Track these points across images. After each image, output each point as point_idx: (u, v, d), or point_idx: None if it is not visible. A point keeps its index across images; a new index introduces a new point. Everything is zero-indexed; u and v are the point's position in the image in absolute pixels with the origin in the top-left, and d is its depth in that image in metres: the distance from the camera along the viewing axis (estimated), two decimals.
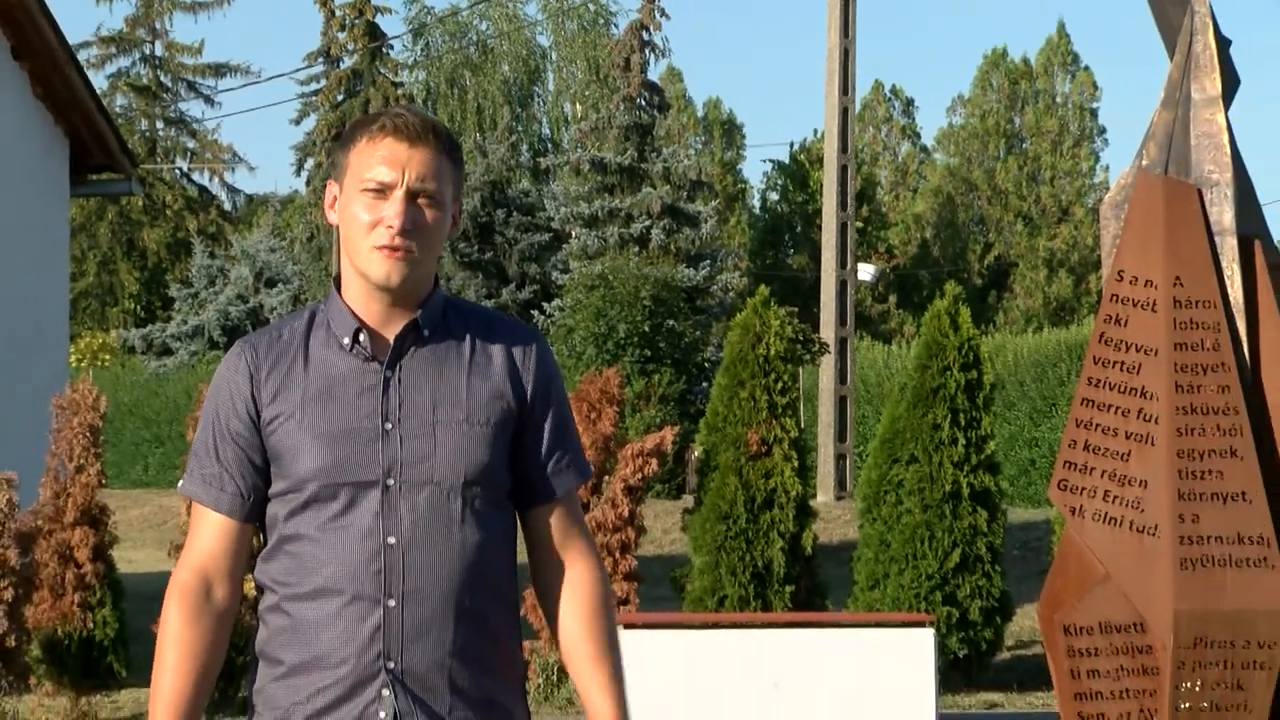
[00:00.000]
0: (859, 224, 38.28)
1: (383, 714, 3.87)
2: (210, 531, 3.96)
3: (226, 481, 3.95)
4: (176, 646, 3.91)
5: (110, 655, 15.10)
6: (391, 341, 3.96)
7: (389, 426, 3.91)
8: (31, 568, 14.25)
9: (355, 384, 3.94)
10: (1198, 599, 9.07)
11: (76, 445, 14.89)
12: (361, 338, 3.95)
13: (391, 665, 3.86)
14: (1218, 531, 9.11)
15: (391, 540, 3.87)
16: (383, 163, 3.91)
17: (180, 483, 4.06)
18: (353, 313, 3.97)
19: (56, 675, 15.08)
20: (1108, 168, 65.22)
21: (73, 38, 21.80)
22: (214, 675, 3.95)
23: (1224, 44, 9.71)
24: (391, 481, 3.89)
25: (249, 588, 4.11)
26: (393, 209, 3.89)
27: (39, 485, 14.88)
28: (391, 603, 3.86)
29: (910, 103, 71.73)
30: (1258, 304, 9.46)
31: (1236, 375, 9.27)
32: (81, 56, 35.80)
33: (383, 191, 3.91)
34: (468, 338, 4.00)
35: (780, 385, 16.76)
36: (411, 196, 3.91)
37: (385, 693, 3.87)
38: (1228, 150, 9.54)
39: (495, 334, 4.03)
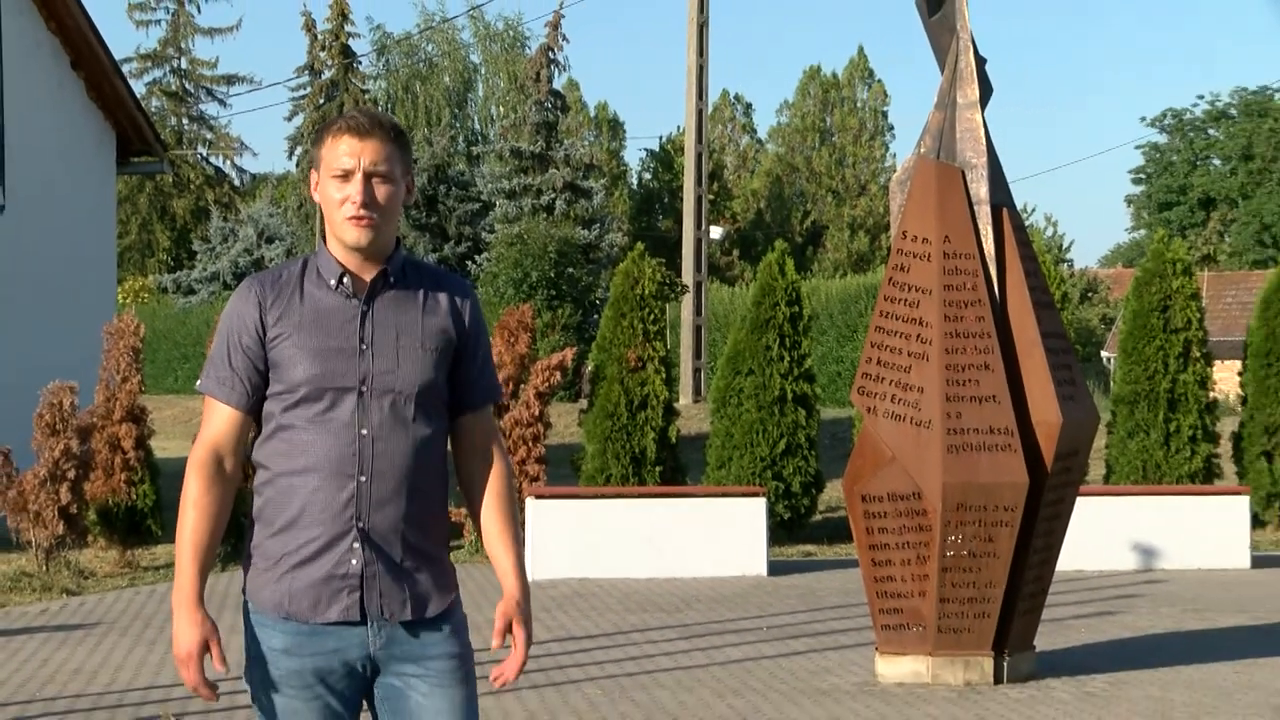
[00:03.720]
0: (710, 197, 38.22)
1: (354, 561, 3.88)
2: (221, 419, 3.95)
3: (236, 383, 3.94)
4: (195, 507, 3.90)
5: (149, 519, 15.05)
6: (368, 284, 3.96)
7: (364, 347, 3.91)
8: (89, 454, 14.17)
9: (340, 315, 3.93)
10: (959, 475, 9.17)
11: (122, 361, 14.78)
12: (345, 280, 3.95)
13: (361, 525, 3.87)
14: (975, 425, 9.21)
15: (364, 432, 3.88)
16: (344, 154, 3.91)
17: (199, 382, 4.05)
18: (339, 262, 3.97)
19: (108, 535, 15.01)
20: (895, 155, 65.46)
21: (118, 54, 21.53)
22: (223, 528, 3.93)
23: (981, 62, 9.76)
24: (365, 388, 3.89)
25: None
26: (354, 189, 3.90)
27: (94, 392, 14.80)
28: (363, 478, 3.87)
29: (749, 106, 71.77)
30: (1005, 255, 9.55)
31: (989, 309, 9.37)
32: (125, 69, 35.22)
33: (346, 176, 3.91)
34: (422, 286, 4.01)
35: (652, 317, 16.77)
36: (368, 177, 3.90)
37: (356, 545, 3.87)
38: (983, 141, 9.61)
39: (442, 285, 4.04)
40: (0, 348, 17.80)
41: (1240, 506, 14.99)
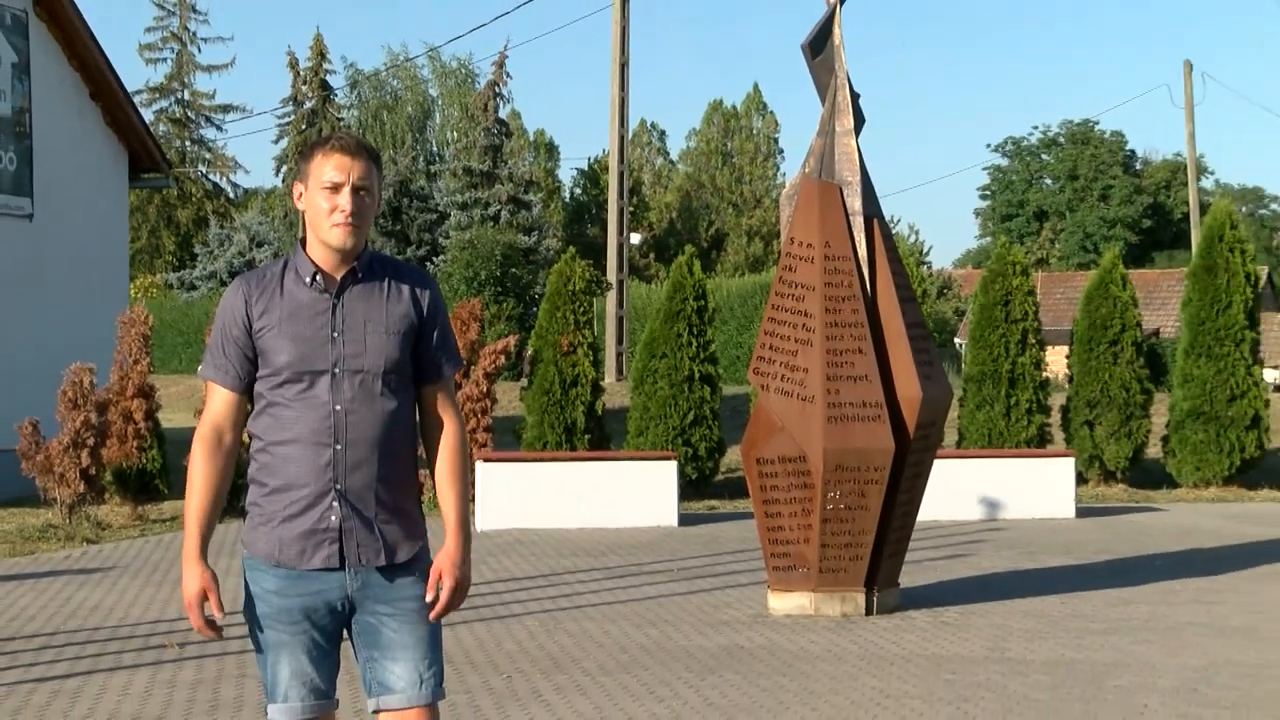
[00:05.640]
0: (631, 209, 38.21)
1: (333, 517, 3.85)
2: (219, 401, 3.92)
3: (229, 369, 3.90)
4: (200, 476, 3.87)
5: (157, 480, 14.92)
6: (338, 280, 3.92)
7: (335, 335, 3.87)
8: (105, 425, 14.04)
9: (313, 308, 3.89)
10: (837, 441, 9.21)
11: (134, 346, 14.63)
12: (318, 278, 3.90)
13: (339, 486, 3.84)
14: (850, 399, 9.25)
15: (338, 407, 3.84)
16: (335, 169, 3.86)
17: (200, 369, 4.01)
18: (313, 262, 3.92)
19: (122, 492, 14.87)
20: (784, 174, 65.51)
21: (130, 87, 21.26)
22: (225, 492, 3.91)
23: (855, 96, 9.78)
24: (337, 370, 3.85)
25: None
26: (344, 200, 3.85)
27: (110, 372, 14.65)
28: (339, 446, 3.83)
29: (663, 133, 71.61)
30: (875, 258, 9.58)
31: (862, 303, 9.40)
32: (136, 99, 34.64)
33: (336, 188, 3.85)
34: (386, 278, 3.96)
35: (582, 309, 16.75)
36: (355, 190, 3.86)
37: (335, 504, 3.84)
38: (857, 163, 9.64)
39: (403, 276, 4.00)
40: (30, 335, 17.61)
41: (1067, 467, 15.17)
